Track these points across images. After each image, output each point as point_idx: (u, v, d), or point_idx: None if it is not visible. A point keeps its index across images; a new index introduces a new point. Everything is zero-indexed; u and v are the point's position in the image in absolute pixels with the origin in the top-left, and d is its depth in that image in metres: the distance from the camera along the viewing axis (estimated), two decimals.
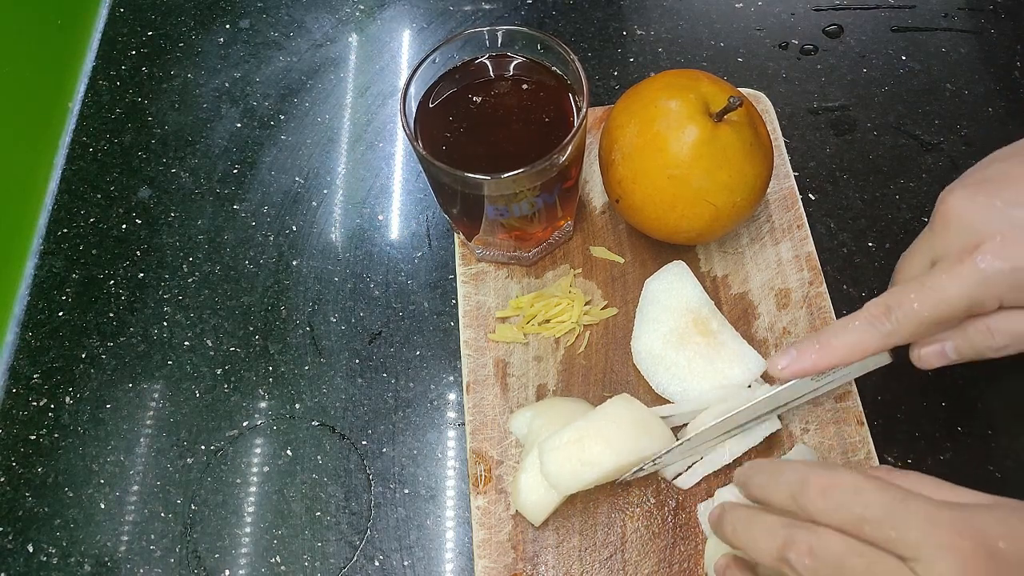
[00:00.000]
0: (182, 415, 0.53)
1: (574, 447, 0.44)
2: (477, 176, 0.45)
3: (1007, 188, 0.39)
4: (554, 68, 0.50)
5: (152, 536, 0.50)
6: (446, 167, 0.45)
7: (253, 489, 0.51)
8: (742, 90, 0.57)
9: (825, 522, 0.34)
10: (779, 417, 0.48)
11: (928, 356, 0.41)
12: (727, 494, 0.46)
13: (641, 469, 0.46)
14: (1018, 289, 0.37)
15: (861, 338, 0.40)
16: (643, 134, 0.48)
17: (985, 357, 0.40)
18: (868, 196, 0.59)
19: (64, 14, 0.68)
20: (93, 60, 0.69)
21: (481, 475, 0.49)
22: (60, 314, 0.57)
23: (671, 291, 0.51)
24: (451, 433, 0.52)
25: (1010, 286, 0.37)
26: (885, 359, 0.44)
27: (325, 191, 0.61)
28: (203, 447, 0.52)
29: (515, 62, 0.51)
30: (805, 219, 0.56)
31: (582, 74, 0.47)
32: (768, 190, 0.53)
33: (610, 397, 0.49)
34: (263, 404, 0.53)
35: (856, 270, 0.56)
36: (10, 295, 0.58)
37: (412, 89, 0.48)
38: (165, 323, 0.57)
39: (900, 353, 0.43)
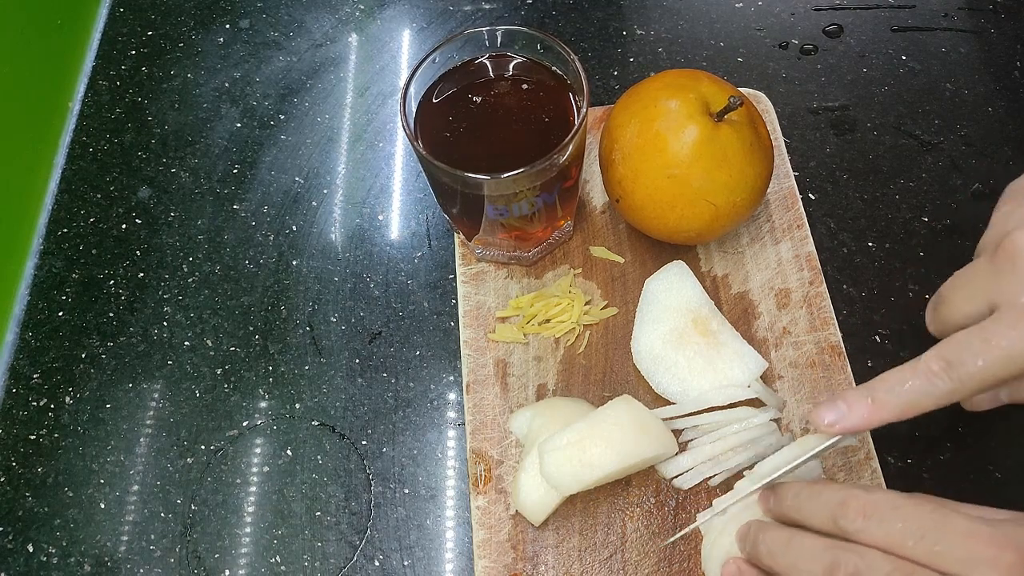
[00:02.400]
0: (182, 415, 0.53)
1: (574, 448, 0.44)
2: (477, 176, 0.45)
3: None
4: (554, 68, 0.50)
5: (152, 536, 0.50)
6: (446, 167, 0.45)
7: (253, 489, 0.51)
8: (742, 90, 0.57)
9: (868, 542, 0.34)
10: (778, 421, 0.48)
11: (980, 403, 0.39)
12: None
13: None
14: None
15: (917, 398, 0.36)
16: (643, 134, 0.48)
17: None
18: (868, 196, 0.59)
19: (64, 14, 0.68)
20: (93, 60, 0.69)
21: (481, 475, 0.49)
22: (60, 314, 0.57)
23: (671, 291, 0.51)
24: (451, 433, 0.52)
25: None
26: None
27: (325, 191, 0.61)
28: (203, 447, 0.52)
29: (515, 62, 0.51)
30: (805, 219, 0.56)
31: (582, 74, 0.47)
32: (768, 190, 0.53)
33: (610, 397, 0.49)
34: (263, 404, 0.53)
35: (856, 270, 0.56)
36: (10, 295, 0.58)
37: (412, 89, 0.48)
38: (165, 323, 0.57)
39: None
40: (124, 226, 0.61)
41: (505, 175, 0.45)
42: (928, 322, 0.41)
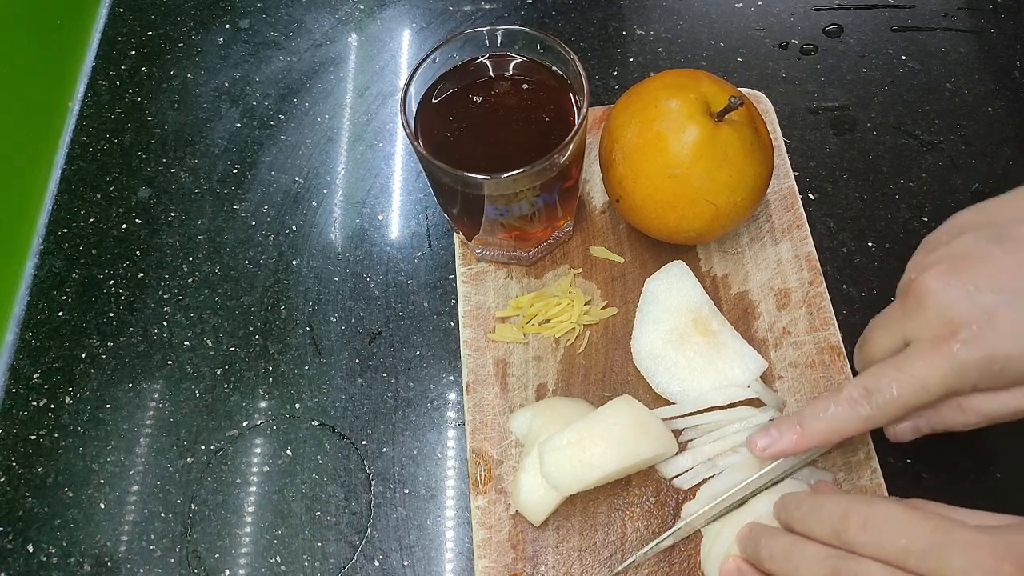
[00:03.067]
0: (182, 415, 0.53)
1: (574, 448, 0.44)
2: (477, 176, 0.45)
3: (981, 271, 0.38)
4: (554, 68, 0.50)
5: (152, 536, 0.50)
6: (446, 167, 0.45)
7: (253, 489, 0.51)
8: (742, 90, 0.57)
9: (869, 555, 0.35)
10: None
11: (902, 433, 0.42)
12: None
13: (633, 561, 0.45)
14: (991, 377, 0.37)
15: (840, 424, 0.40)
16: (643, 134, 0.48)
17: (956, 431, 0.41)
18: (868, 196, 0.59)
19: (64, 14, 0.68)
20: (93, 60, 0.69)
21: (481, 475, 0.49)
22: (60, 314, 0.57)
23: (671, 291, 0.51)
24: (451, 433, 0.52)
25: (984, 375, 0.37)
26: None
27: (325, 191, 0.61)
28: (203, 447, 0.52)
29: (515, 62, 0.51)
30: (805, 219, 0.56)
31: (582, 74, 0.47)
32: (768, 190, 0.53)
33: (610, 397, 0.49)
34: (263, 404, 0.53)
35: (856, 270, 0.56)
36: (10, 295, 0.58)
37: (412, 89, 0.48)
38: (165, 323, 0.57)
39: None
40: (124, 226, 0.61)
41: (505, 175, 0.45)
42: (855, 361, 0.44)
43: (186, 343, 0.56)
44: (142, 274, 0.59)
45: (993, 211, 0.41)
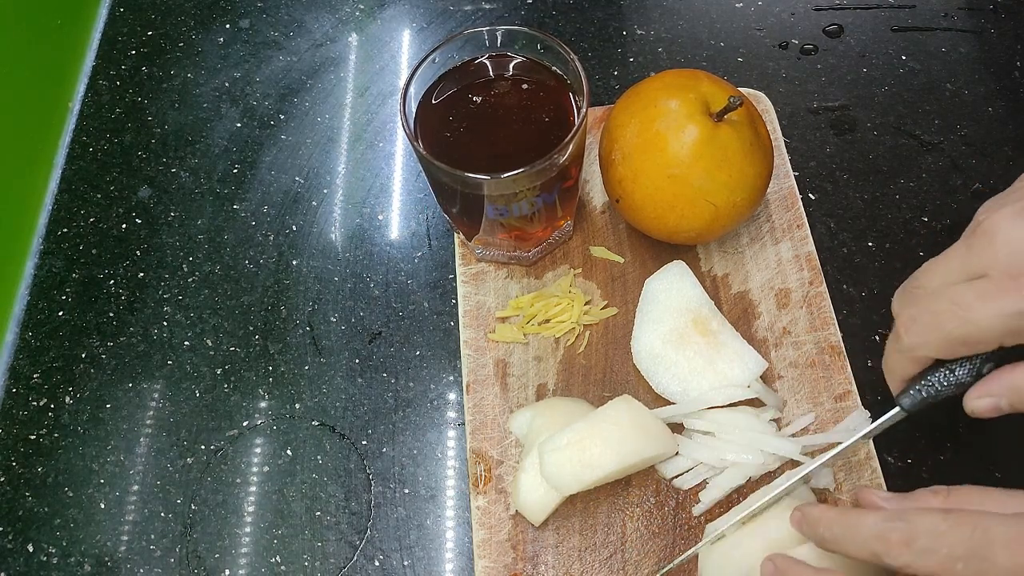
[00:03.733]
0: (182, 415, 0.53)
1: (574, 449, 0.44)
2: (477, 176, 0.45)
3: None
4: (554, 68, 0.50)
5: (152, 536, 0.50)
6: (446, 167, 0.45)
7: (253, 489, 0.51)
8: (742, 90, 0.57)
9: (916, 572, 0.34)
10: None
11: (983, 410, 0.39)
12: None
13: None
14: None
15: (889, 360, 0.40)
16: (643, 134, 0.48)
17: None
18: (868, 196, 0.59)
19: (64, 14, 0.68)
20: (93, 60, 0.69)
21: (481, 475, 0.49)
22: (60, 314, 0.57)
23: (671, 291, 0.51)
24: (451, 433, 0.52)
25: None
26: (900, 413, 0.41)
27: (325, 191, 0.61)
28: (203, 447, 0.52)
29: (515, 62, 0.51)
30: (805, 219, 0.56)
31: (582, 74, 0.47)
32: (768, 190, 0.53)
33: (610, 397, 0.49)
34: (263, 404, 0.53)
35: (856, 270, 0.56)
36: (10, 295, 0.58)
37: (412, 89, 0.48)
38: (165, 323, 0.57)
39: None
40: (124, 226, 0.61)
41: (505, 175, 0.45)
42: (894, 305, 0.41)
43: (186, 343, 0.56)
44: (142, 274, 0.59)
45: None
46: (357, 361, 0.54)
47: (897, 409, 0.41)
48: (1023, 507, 0.35)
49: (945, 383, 0.39)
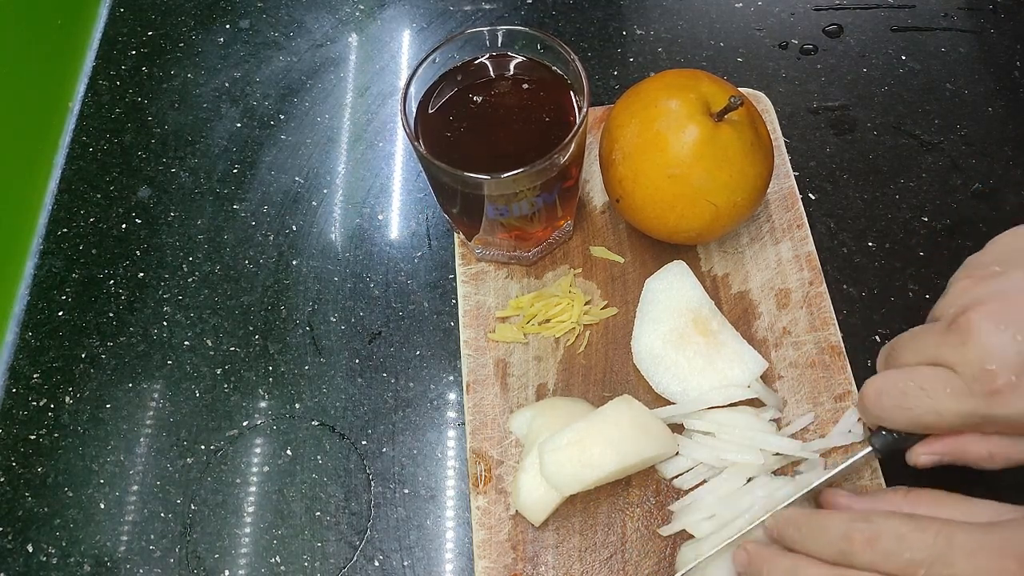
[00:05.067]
0: (182, 415, 0.53)
1: (574, 448, 0.44)
2: (477, 176, 0.45)
3: None
4: (554, 68, 0.50)
5: (152, 536, 0.50)
6: (446, 167, 0.45)
7: (253, 489, 0.51)
8: (742, 90, 0.57)
9: (878, 571, 0.35)
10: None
11: (924, 464, 0.42)
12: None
13: None
14: (1019, 428, 0.38)
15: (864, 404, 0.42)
16: (643, 134, 0.48)
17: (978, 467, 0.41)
18: (868, 196, 0.59)
19: (64, 14, 0.68)
20: (93, 60, 0.69)
21: (481, 475, 0.49)
22: (60, 314, 0.57)
23: (671, 291, 0.51)
24: (451, 433, 0.52)
25: (1012, 426, 0.38)
26: (873, 453, 0.44)
27: (325, 191, 0.61)
28: (203, 447, 0.52)
29: (515, 62, 0.51)
30: (805, 219, 0.56)
31: (582, 74, 0.47)
32: (768, 190, 0.53)
33: (610, 397, 0.49)
34: (263, 404, 0.53)
35: (856, 270, 0.56)
36: (10, 295, 0.58)
37: (412, 89, 0.48)
38: (165, 323, 0.57)
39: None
40: (124, 226, 0.61)
41: (505, 175, 0.45)
42: (878, 364, 0.44)
43: (186, 343, 0.56)
44: (142, 274, 0.59)
45: None
46: (357, 361, 0.54)
47: (869, 449, 0.44)
48: (984, 515, 0.36)
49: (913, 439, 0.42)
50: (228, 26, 0.70)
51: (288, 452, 0.52)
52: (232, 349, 0.55)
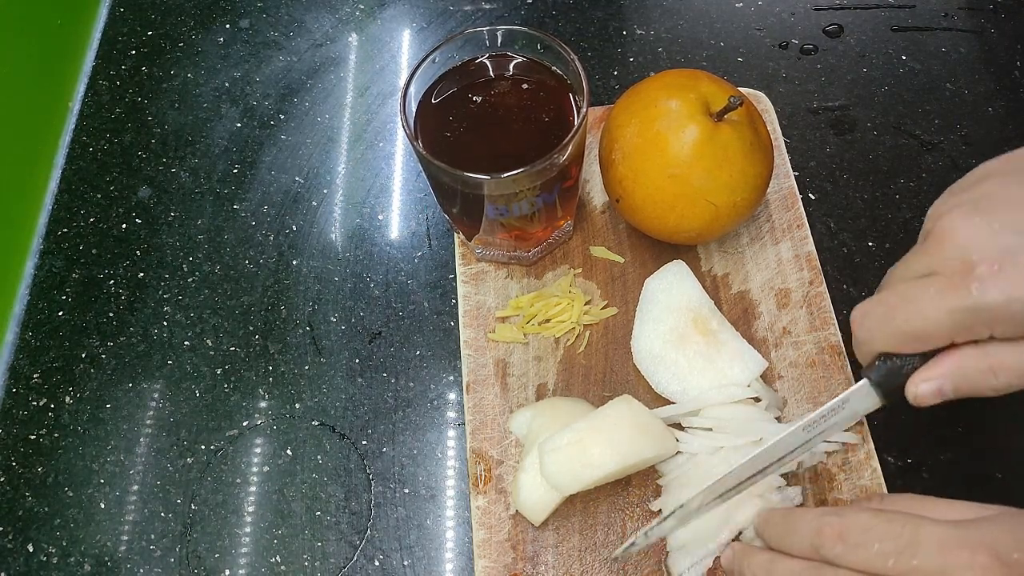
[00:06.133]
0: (182, 415, 0.53)
1: (574, 448, 0.44)
2: (477, 176, 0.45)
3: (1005, 210, 0.36)
4: (554, 68, 0.50)
5: (152, 536, 0.50)
6: (446, 167, 0.45)
7: (253, 489, 0.51)
8: (742, 90, 0.57)
9: (848, 564, 0.35)
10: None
11: (925, 395, 0.39)
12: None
13: (633, 544, 0.43)
14: (1009, 321, 0.35)
15: (861, 320, 0.40)
16: (643, 134, 0.48)
17: (985, 395, 0.38)
18: (868, 196, 0.59)
19: (64, 14, 0.68)
20: (93, 60, 0.69)
21: (481, 475, 0.49)
22: (60, 314, 0.57)
23: (671, 290, 0.51)
24: (451, 433, 0.52)
25: (1000, 318, 0.35)
26: (876, 402, 0.41)
27: (325, 191, 0.61)
28: (203, 447, 0.52)
29: (515, 62, 0.51)
30: (805, 219, 0.56)
31: (582, 74, 0.47)
32: (768, 190, 0.53)
33: (610, 397, 0.49)
34: (263, 404, 0.53)
35: (856, 270, 0.56)
36: (10, 295, 0.58)
37: (412, 88, 0.48)
38: (165, 323, 0.57)
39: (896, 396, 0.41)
40: (124, 226, 0.61)
41: (505, 175, 0.45)
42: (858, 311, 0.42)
43: (186, 343, 0.56)
44: (142, 274, 0.59)
45: (1020, 158, 0.39)
46: (357, 361, 0.54)
47: (864, 381, 0.40)
48: (958, 515, 0.36)
49: (908, 364, 0.39)
50: (228, 26, 0.70)
51: (288, 452, 0.52)
52: (232, 349, 0.55)
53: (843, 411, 0.41)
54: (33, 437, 0.53)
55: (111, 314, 0.57)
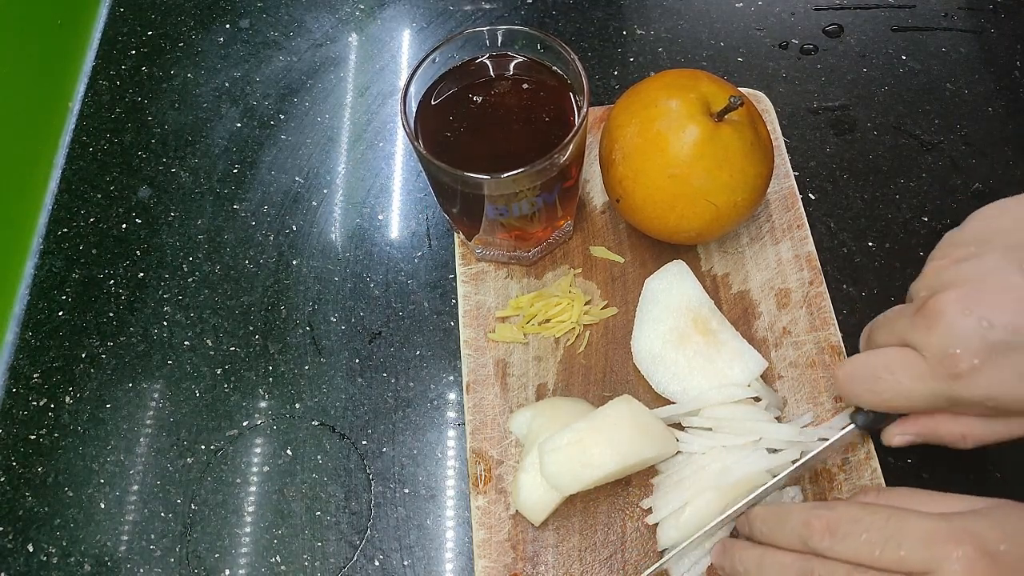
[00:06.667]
0: (182, 415, 0.53)
1: (574, 448, 0.44)
2: (477, 176, 0.45)
3: (997, 304, 0.37)
4: (554, 68, 0.50)
5: (152, 536, 0.50)
6: (446, 167, 0.45)
7: (253, 489, 0.51)
8: (742, 90, 0.57)
9: (836, 557, 0.36)
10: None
11: (898, 444, 0.43)
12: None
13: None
14: (985, 410, 0.39)
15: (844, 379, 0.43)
16: (643, 134, 0.48)
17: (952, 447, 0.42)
18: (868, 196, 0.59)
19: (64, 14, 0.68)
20: (93, 60, 0.69)
21: (481, 475, 0.49)
22: (60, 314, 0.57)
23: (671, 290, 0.51)
24: (451, 433, 0.52)
25: (977, 407, 0.38)
26: (858, 437, 0.46)
27: (325, 191, 0.61)
28: (203, 447, 0.52)
29: (515, 61, 0.51)
30: (805, 219, 0.56)
31: (582, 74, 0.47)
32: (768, 190, 0.53)
33: (610, 397, 0.49)
34: (263, 404, 0.53)
35: (856, 270, 0.56)
36: (10, 295, 0.58)
37: (412, 88, 0.48)
38: (165, 323, 0.57)
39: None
40: (124, 226, 0.61)
41: (505, 175, 0.45)
42: (860, 343, 0.45)
43: (186, 343, 0.56)
44: (142, 274, 0.59)
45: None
46: (357, 361, 0.54)
47: (851, 425, 0.45)
48: (950, 508, 0.36)
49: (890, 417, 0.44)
50: (228, 26, 0.70)
51: (288, 452, 0.52)
52: (232, 349, 0.55)
53: (834, 446, 0.46)
54: (33, 437, 0.53)
55: (111, 314, 0.57)
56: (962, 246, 0.40)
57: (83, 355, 0.56)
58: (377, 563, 0.48)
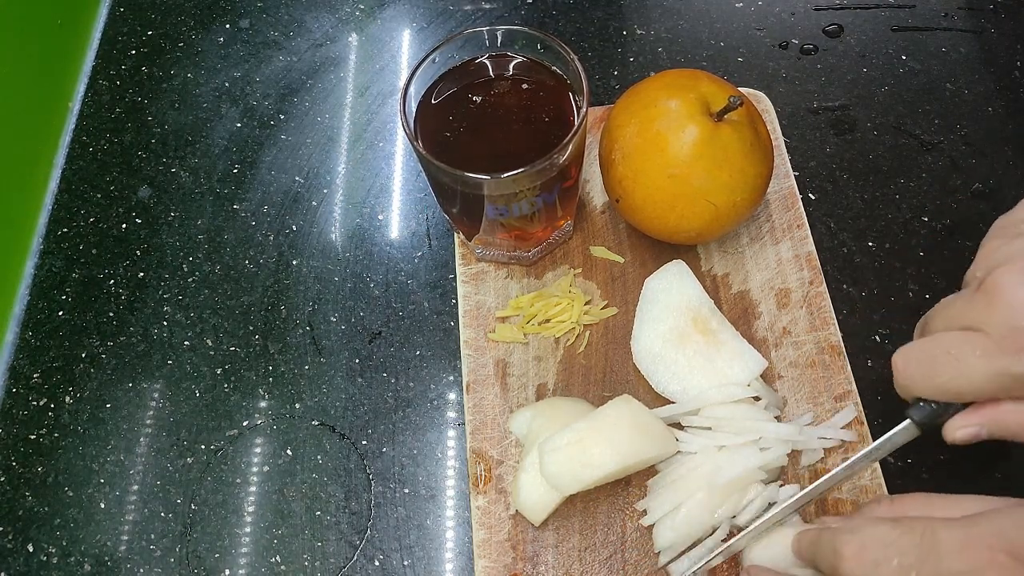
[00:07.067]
0: (182, 415, 0.53)
1: (574, 448, 0.44)
2: (477, 176, 0.45)
3: None
4: (554, 68, 0.50)
5: (152, 536, 0.50)
6: (446, 167, 0.45)
7: (253, 489, 0.51)
8: (742, 90, 0.57)
9: None
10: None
11: (962, 439, 0.39)
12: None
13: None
14: None
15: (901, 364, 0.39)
16: (643, 134, 0.48)
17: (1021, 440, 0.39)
18: (868, 196, 0.59)
19: (64, 14, 0.68)
20: (93, 60, 0.69)
21: (481, 475, 0.49)
22: (60, 314, 0.57)
23: (671, 290, 0.51)
24: (451, 433, 0.52)
25: None
26: (914, 435, 0.41)
27: (325, 191, 0.61)
28: (203, 447, 0.52)
29: (515, 62, 0.51)
30: (805, 219, 0.56)
31: (582, 74, 0.47)
32: (768, 190, 0.53)
33: (610, 397, 0.49)
34: (263, 404, 0.53)
35: (856, 270, 0.56)
36: (10, 295, 0.58)
37: (412, 88, 0.48)
38: (165, 323, 0.57)
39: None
40: (124, 226, 0.61)
41: (505, 175, 0.45)
42: (915, 334, 0.42)
43: (186, 343, 0.56)
44: (142, 274, 0.59)
45: None
46: (357, 361, 0.54)
47: (908, 422, 0.40)
48: (968, 510, 0.35)
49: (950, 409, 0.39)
50: (228, 26, 0.70)
51: (288, 452, 0.52)
52: (232, 349, 0.55)
53: (886, 446, 0.42)
54: (33, 437, 0.53)
55: (111, 314, 0.57)
56: (1015, 225, 0.39)
57: (83, 355, 0.56)
58: (377, 563, 0.48)
